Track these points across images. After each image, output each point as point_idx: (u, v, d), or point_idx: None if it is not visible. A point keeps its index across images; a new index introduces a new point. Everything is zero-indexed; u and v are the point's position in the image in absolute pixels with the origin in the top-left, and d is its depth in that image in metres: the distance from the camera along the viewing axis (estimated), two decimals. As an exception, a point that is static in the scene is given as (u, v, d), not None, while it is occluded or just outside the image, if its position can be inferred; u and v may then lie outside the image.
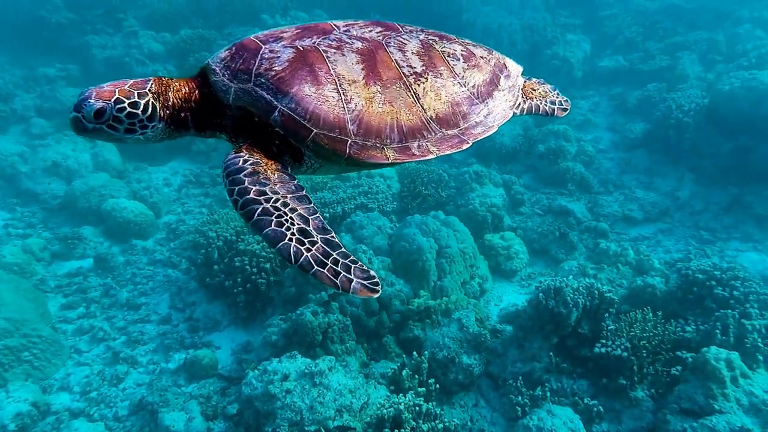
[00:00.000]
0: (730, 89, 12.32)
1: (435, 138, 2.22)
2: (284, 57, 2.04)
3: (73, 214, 10.24)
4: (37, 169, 10.79)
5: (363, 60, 2.11)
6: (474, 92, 2.37)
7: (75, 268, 9.10)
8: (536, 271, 9.80)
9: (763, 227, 10.92)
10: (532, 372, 7.48)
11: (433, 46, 2.36)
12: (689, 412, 6.40)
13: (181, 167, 12.57)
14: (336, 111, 2.02)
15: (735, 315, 7.08)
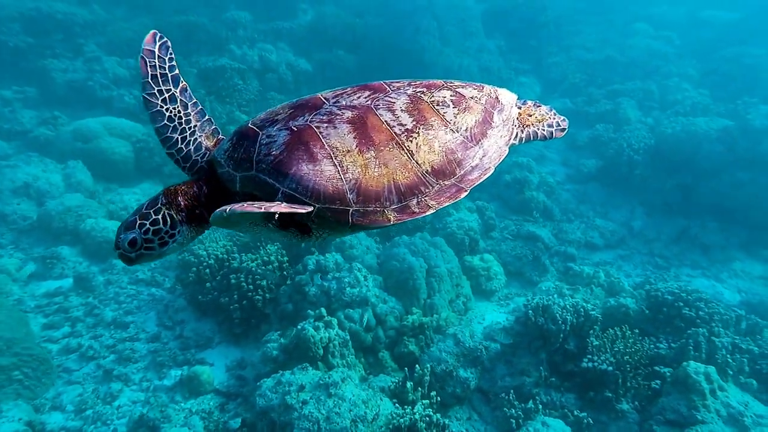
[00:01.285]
0: (672, 132, 13.63)
1: (433, 191, 2.24)
2: (280, 140, 2.12)
3: (46, 235, 9.87)
4: (5, 189, 10.35)
5: (354, 128, 2.16)
6: (467, 136, 2.36)
7: (54, 288, 8.78)
8: (512, 291, 10.30)
9: (709, 255, 12.01)
10: (522, 386, 7.85)
11: (422, 98, 2.36)
12: (674, 423, 6.94)
13: (153, 189, 12.31)
14: (334, 183, 2.08)
15: (705, 333, 7.77)
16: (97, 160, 11.85)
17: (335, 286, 7.97)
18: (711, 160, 12.86)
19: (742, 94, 16.51)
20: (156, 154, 12.62)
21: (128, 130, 12.63)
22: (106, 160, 11.95)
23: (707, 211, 12.63)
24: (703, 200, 12.78)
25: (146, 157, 12.47)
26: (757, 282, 11.47)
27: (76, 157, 11.72)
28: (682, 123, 13.79)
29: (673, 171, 13.30)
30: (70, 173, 11.09)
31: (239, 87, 14.81)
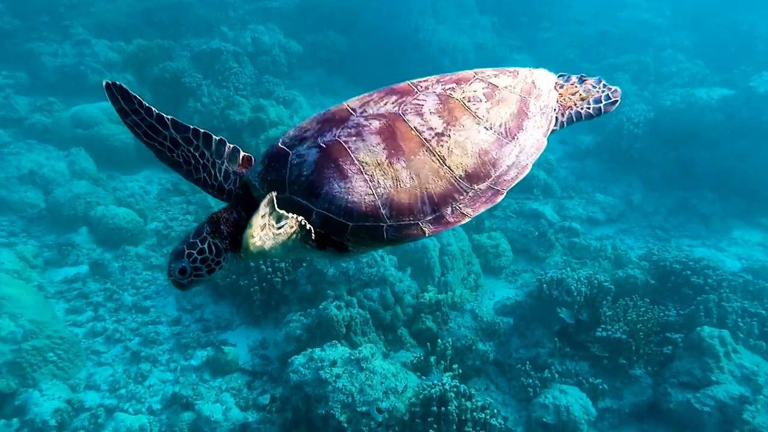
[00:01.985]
0: (671, 104, 13.79)
1: (467, 198, 2.16)
2: (310, 159, 2.07)
3: (56, 222, 9.85)
4: (12, 177, 10.26)
5: (383, 139, 2.09)
6: (502, 131, 2.25)
7: (72, 274, 8.83)
8: (519, 268, 10.51)
9: (708, 225, 12.30)
10: (537, 357, 8.08)
11: (452, 96, 2.27)
12: (688, 385, 7.22)
13: (155, 176, 12.32)
14: (367, 200, 2.03)
15: (715, 299, 8.02)
16: (98, 147, 11.78)
17: (353, 266, 8.10)
18: (712, 130, 13.04)
19: (738, 62, 16.71)
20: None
21: (128, 116, 12.50)
22: (107, 147, 11.88)
23: (706, 182, 12.89)
24: (702, 171, 13.03)
25: (147, 144, 12.37)
26: (756, 249, 11.81)
27: (76, 144, 11.64)
28: (681, 94, 13.95)
29: (673, 143, 13.50)
30: (73, 160, 11.03)
31: (235, 70, 14.69)
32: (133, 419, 6.52)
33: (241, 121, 12.69)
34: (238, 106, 12.73)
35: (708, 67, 18.40)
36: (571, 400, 7.19)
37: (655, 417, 7.53)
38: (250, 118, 12.73)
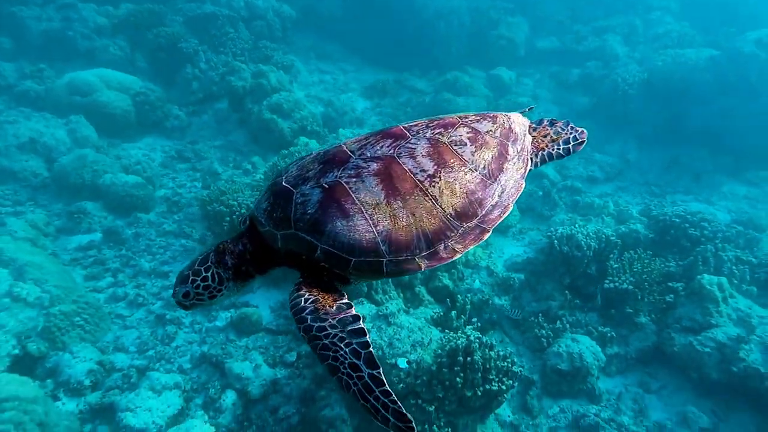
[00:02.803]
0: (663, 65, 14.05)
1: (458, 235, 2.31)
2: (314, 199, 2.23)
3: (63, 190, 9.81)
4: (11, 146, 10.12)
5: (381, 180, 2.25)
6: (485, 173, 2.42)
7: (86, 241, 8.85)
8: (526, 226, 10.83)
9: (699, 181, 12.75)
10: (548, 310, 8.47)
11: (440, 140, 2.42)
12: (690, 329, 7.68)
13: (156, 143, 12.27)
14: (367, 237, 2.18)
15: (712, 249, 8.46)
16: (97, 114, 11.63)
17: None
18: (701, 89, 13.41)
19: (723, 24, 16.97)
20: (157, 108, 12.47)
21: (125, 83, 12.39)
22: (107, 115, 11.76)
23: (697, 140, 13.29)
24: (692, 130, 13.41)
25: (147, 111, 12.30)
26: (743, 202, 12.32)
27: (74, 112, 11.45)
28: (671, 55, 14.24)
29: (665, 103, 13.83)
30: (74, 128, 10.91)
31: (231, 35, 14.50)
32: (167, 377, 6.73)
33: (243, 87, 12.63)
34: (238, 72, 12.66)
35: (694, 29, 18.65)
36: (583, 348, 7.62)
37: (659, 360, 8.01)
38: (251, 84, 12.68)
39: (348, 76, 16.77)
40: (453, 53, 17.53)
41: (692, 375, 7.47)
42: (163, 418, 6.24)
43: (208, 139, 12.64)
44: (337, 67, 17.12)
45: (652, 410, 7.51)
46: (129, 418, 6.08)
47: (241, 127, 13.06)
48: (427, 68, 17.26)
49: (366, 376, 2.01)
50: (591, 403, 7.53)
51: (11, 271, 6.91)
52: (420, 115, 12.10)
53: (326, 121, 13.19)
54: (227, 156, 12.16)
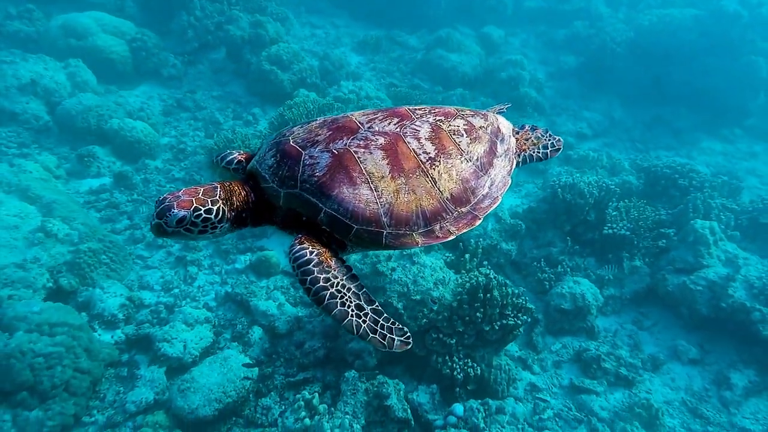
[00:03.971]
0: (649, 23, 14.48)
1: (452, 218, 2.40)
2: (323, 162, 2.26)
3: (67, 134, 9.73)
4: (11, 87, 9.88)
5: (387, 155, 2.31)
6: (478, 165, 2.54)
7: (97, 185, 8.88)
8: (521, 179, 11.27)
9: (679, 138, 13.42)
10: (549, 255, 8.98)
11: (441, 127, 2.53)
12: (683, 270, 8.31)
13: (153, 92, 12.13)
14: (371, 207, 2.23)
15: (701, 197, 9.06)
16: (94, 59, 11.42)
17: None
18: (685, 48, 13.95)
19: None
20: (154, 55, 12.27)
21: (121, 27, 12.12)
22: (104, 60, 11.54)
23: (678, 99, 13.90)
24: (675, 88, 14.00)
25: (144, 58, 12.10)
26: (719, 157, 13.08)
27: (70, 56, 11.22)
28: (657, 14, 14.66)
29: (649, 62, 14.33)
30: (74, 72, 10.70)
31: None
32: (198, 312, 6.99)
33: (242, 37, 12.51)
34: (236, 21, 12.50)
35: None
36: (584, 289, 8.17)
37: (651, 300, 8.67)
38: (250, 34, 12.56)
39: (339, 31, 16.69)
40: (442, 10, 17.56)
41: (683, 312, 8.13)
42: (197, 349, 6.52)
43: (206, 89, 12.56)
44: (329, 22, 16.99)
45: (645, 345, 8.17)
46: (166, 348, 6.35)
47: (238, 78, 12.99)
48: (416, 26, 17.29)
49: (370, 311, 2.13)
50: (590, 340, 8.12)
51: (39, 208, 6.96)
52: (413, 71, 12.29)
53: (323, 74, 13.22)
54: (226, 106, 12.13)
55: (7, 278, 6.09)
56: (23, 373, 5.06)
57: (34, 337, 5.28)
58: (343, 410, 6.04)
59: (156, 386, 6.03)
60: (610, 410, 7.13)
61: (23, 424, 5.03)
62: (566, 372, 7.73)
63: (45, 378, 5.19)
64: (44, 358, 5.24)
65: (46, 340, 5.35)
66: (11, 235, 6.37)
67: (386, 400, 6.10)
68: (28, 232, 6.63)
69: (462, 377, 6.60)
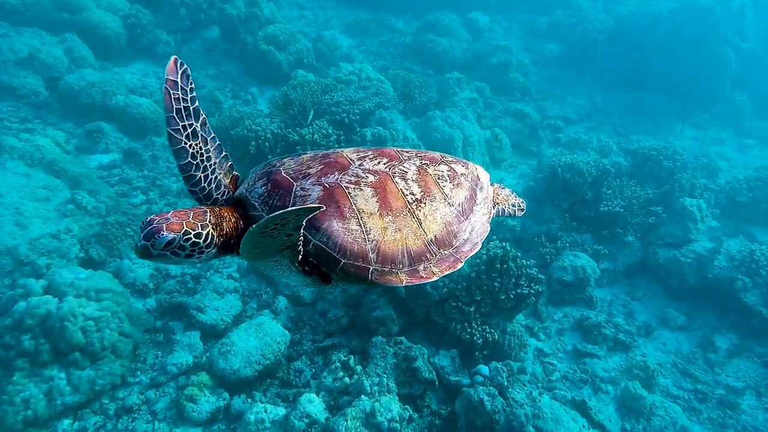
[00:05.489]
0: (629, 14, 15.18)
1: (435, 259, 2.44)
2: (314, 195, 2.27)
3: (70, 110, 9.61)
4: (9, 61, 9.67)
5: (377, 193, 2.35)
6: (460, 210, 2.60)
7: (107, 161, 8.85)
8: (515, 161, 11.75)
9: (657, 122, 14.20)
10: (549, 231, 9.49)
11: (427, 171, 2.59)
12: (672, 244, 8.96)
13: (148, 69, 12.03)
14: (359, 242, 2.25)
15: (687, 177, 9.74)
16: (89, 35, 11.23)
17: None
18: (661, 38, 14.71)
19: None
20: (148, 31, 12.15)
21: (114, 3, 11.96)
22: (99, 36, 11.37)
23: (655, 86, 14.68)
24: (651, 76, 14.75)
25: (138, 35, 11.97)
26: (691, 142, 13.93)
27: (63, 30, 11.00)
28: (635, 4, 15.38)
29: (629, 50, 15.05)
30: (70, 47, 10.53)
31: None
32: (226, 282, 7.18)
33: (237, 16, 12.51)
34: (231, 0, 12.46)
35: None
36: (584, 262, 8.72)
37: (642, 273, 9.30)
38: (245, 13, 12.56)
39: (327, 13, 16.79)
40: (427, -5, 17.84)
41: (673, 283, 8.77)
42: (228, 316, 6.73)
43: (201, 69, 12.53)
44: (316, 4, 17.07)
45: (638, 314, 8.79)
46: (200, 316, 6.54)
47: (232, 57, 13.00)
48: (402, 10, 17.54)
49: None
50: (589, 309, 8.68)
51: (65, 181, 6.98)
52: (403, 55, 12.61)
53: (318, 56, 13.35)
54: (224, 86, 12.16)
55: (44, 248, 6.14)
56: (76, 335, 5.19)
57: (83, 302, 5.40)
58: (374, 371, 6.37)
59: (194, 350, 6.23)
60: (611, 372, 7.70)
61: (77, 382, 5.17)
62: (569, 338, 8.27)
63: (95, 340, 5.33)
64: (93, 321, 5.37)
65: (94, 305, 5.48)
66: (44, 207, 6.40)
67: (414, 362, 6.47)
68: (59, 204, 6.66)
69: (481, 342, 7.03)
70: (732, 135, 14.98)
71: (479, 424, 5.91)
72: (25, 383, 4.87)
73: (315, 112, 10.06)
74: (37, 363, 4.97)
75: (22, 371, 4.89)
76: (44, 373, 4.99)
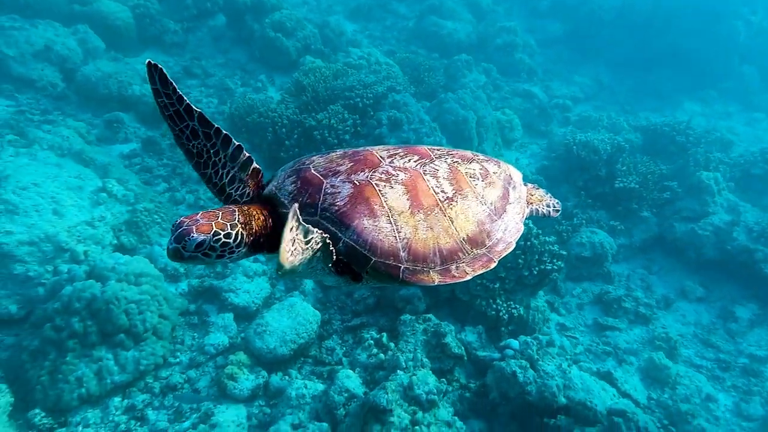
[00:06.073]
0: (635, -10, 15.20)
1: (468, 258, 2.37)
2: (344, 192, 2.23)
3: (87, 101, 9.65)
4: (26, 53, 9.67)
5: (408, 191, 2.30)
6: (493, 209, 2.53)
7: (127, 150, 8.90)
8: (526, 141, 11.84)
9: (662, 99, 14.30)
10: (565, 209, 9.56)
11: (458, 169, 2.53)
12: (689, 218, 9.09)
13: (158, 59, 11.92)
14: (390, 240, 2.20)
15: (702, 151, 9.85)
16: (99, 25, 11.20)
17: (414, 136, 8.96)
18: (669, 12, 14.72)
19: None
20: (156, 21, 12.14)
21: (122, -7, 11.91)
22: (109, 27, 11.34)
23: (661, 63, 14.73)
24: (657, 54, 14.81)
25: (147, 24, 11.97)
26: (700, 117, 14.03)
27: (74, 21, 11.00)
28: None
29: (634, 27, 15.09)
30: (84, 38, 10.53)
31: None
32: (255, 265, 7.29)
33: (244, 4, 12.50)
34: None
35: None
36: (601, 238, 8.84)
37: (658, 248, 9.44)
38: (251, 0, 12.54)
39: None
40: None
41: (690, 256, 8.91)
42: (259, 298, 6.85)
43: (209, 57, 12.53)
44: (316, -11, 17.02)
45: (655, 287, 8.94)
46: (233, 298, 6.66)
47: (239, 45, 12.99)
48: (403, -7, 17.49)
49: None
50: (607, 284, 8.82)
51: (94, 170, 7.05)
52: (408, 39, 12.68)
53: (324, 41, 13.35)
54: (233, 73, 12.18)
55: (80, 235, 6.23)
56: (121, 318, 5.30)
57: (124, 286, 5.50)
58: (406, 348, 6.50)
59: (229, 332, 6.35)
60: (634, 344, 7.85)
61: (124, 362, 5.30)
62: (589, 313, 8.42)
63: (138, 322, 5.44)
64: (135, 304, 5.48)
65: (134, 288, 5.58)
66: (77, 195, 6.48)
67: (444, 338, 6.60)
68: (91, 193, 6.74)
69: (507, 317, 7.16)
70: (740, 109, 15.08)
71: (512, 396, 6.05)
72: (77, 363, 4.99)
73: (328, 98, 10.10)
74: (87, 344, 5.09)
75: (73, 352, 5.00)
76: (93, 354, 5.11)
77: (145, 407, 5.31)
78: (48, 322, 5.08)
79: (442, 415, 5.61)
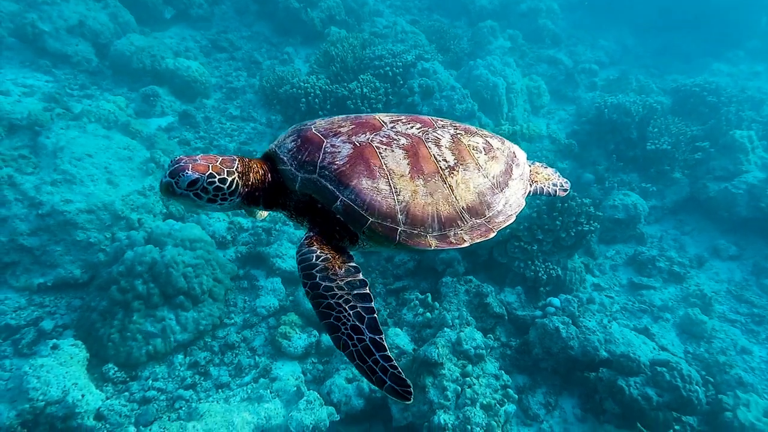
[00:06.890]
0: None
1: (467, 227, 2.38)
2: (344, 152, 2.23)
3: (122, 75, 9.81)
4: (61, 29, 9.80)
5: (408, 155, 2.30)
6: (494, 182, 2.54)
7: (165, 123, 9.06)
8: (553, 108, 11.82)
9: (688, 61, 14.11)
10: (596, 172, 9.64)
11: (461, 140, 2.52)
12: (723, 178, 9.09)
13: (185, 33, 12.12)
14: (388, 202, 2.19)
15: (734, 110, 9.79)
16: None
17: (446, 104, 9.02)
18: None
19: None
20: (182, -6, 12.19)
21: (148, -33, 11.94)
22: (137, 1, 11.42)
23: (686, 24, 14.52)
24: (682, 16, 14.59)
25: (173, -1, 12.03)
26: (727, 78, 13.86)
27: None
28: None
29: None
30: (114, 12, 10.63)
31: None
32: (298, 231, 7.48)
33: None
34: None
35: None
36: (634, 199, 8.90)
37: (690, 208, 9.48)
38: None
39: (349, -31, 16.61)
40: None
41: (723, 215, 8.95)
42: (303, 264, 7.03)
43: (234, 30, 12.59)
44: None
45: (688, 247, 9.01)
46: (280, 263, 6.87)
47: (263, 19, 13.03)
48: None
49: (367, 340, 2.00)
50: (640, 245, 8.91)
51: (140, 142, 7.23)
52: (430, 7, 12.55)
53: (347, 12, 13.33)
54: (260, 46, 12.24)
55: (134, 203, 6.45)
56: (180, 280, 5.52)
57: (180, 250, 5.72)
58: (449, 307, 6.69)
59: (278, 294, 6.57)
60: (668, 301, 7.96)
61: (184, 322, 5.55)
62: (623, 273, 8.53)
63: (196, 284, 5.66)
64: (192, 268, 5.70)
65: (190, 253, 5.80)
66: (128, 166, 6.68)
67: (485, 299, 6.77)
68: (140, 163, 6.94)
69: (546, 278, 7.30)
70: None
71: (555, 351, 6.23)
72: (143, 322, 5.23)
73: (357, 67, 10.16)
74: (150, 305, 5.33)
75: (138, 312, 5.24)
76: (157, 314, 5.35)
77: (207, 363, 5.57)
78: (113, 285, 5.33)
79: (489, 369, 5.81)
